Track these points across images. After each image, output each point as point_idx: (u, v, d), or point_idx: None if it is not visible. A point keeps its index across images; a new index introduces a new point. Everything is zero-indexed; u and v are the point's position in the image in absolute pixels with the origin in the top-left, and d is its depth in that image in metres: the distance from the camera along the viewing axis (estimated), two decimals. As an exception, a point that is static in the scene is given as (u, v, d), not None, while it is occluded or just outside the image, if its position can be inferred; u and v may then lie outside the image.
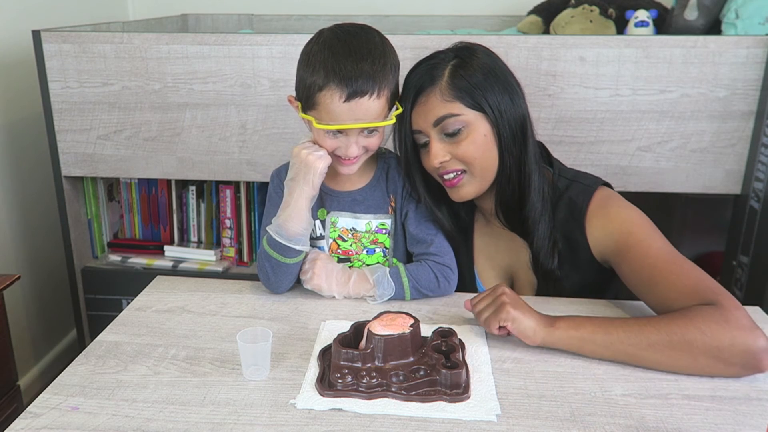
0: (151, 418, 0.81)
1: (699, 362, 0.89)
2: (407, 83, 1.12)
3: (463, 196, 1.12)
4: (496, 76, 1.07)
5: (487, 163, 1.09)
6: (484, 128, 1.07)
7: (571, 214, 1.12)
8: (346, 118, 1.03)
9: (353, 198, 1.18)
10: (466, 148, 1.07)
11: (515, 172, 1.10)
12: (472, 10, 2.40)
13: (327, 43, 1.04)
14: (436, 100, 1.07)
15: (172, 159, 1.76)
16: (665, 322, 0.91)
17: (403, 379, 0.86)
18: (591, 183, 1.14)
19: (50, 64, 1.69)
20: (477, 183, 1.11)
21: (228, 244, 1.95)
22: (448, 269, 1.14)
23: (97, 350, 0.97)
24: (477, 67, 1.07)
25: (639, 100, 1.60)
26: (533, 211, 1.11)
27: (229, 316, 1.07)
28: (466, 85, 1.06)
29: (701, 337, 0.88)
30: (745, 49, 1.54)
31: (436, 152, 1.08)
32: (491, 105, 1.06)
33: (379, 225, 1.18)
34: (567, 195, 1.13)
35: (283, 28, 2.46)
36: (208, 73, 1.67)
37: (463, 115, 1.06)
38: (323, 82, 1.02)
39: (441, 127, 1.07)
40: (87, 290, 1.91)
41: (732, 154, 1.62)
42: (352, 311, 1.09)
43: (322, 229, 1.19)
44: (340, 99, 1.01)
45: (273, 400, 0.85)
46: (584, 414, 0.82)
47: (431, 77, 1.08)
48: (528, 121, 1.10)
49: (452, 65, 1.08)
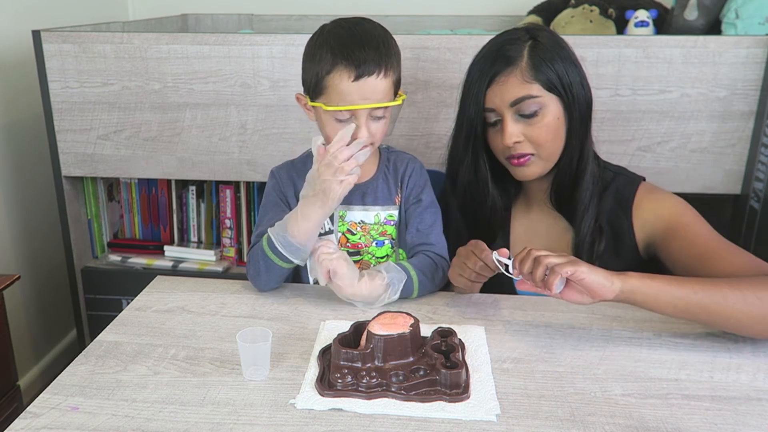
0: (151, 418, 0.81)
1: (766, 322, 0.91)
2: (480, 64, 1.12)
3: (528, 176, 1.14)
4: (569, 57, 1.10)
5: (555, 147, 1.12)
6: (558, 111, 1.10)
7: (618, 203, 1.16)
8: (356, 98, 1.05)
9: (362, 191, 1.19)
10: (539, 130, 1.09)
11: (577, 155, 1.13)
12: (472, 10, 2.40)
13: (331, 33, 1.08)
14: (516, 80, 1.08)
15: (172, 159, 1.76)
16: (737, 282, 0.92)
17: (402, 379, 0.86)
18: (635, 176, 1.19)
19: (50, 64, 1.69)
20: (543, 164, 1.13)
21: (228, 244, 1.95)
22: (445, 261, 1.17)
23: (97, 350, 0.97)
24: (552, 48, 1.09)
25: (639, 100, 1.60)
26: (585, 194, 1.14)
27: (229, 316, 1.07)
28: (545, 66, 1.08)
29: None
30: (745, 49, 1.54)
31: (510, 132, 1.09)
32: (566, 87, 1.09)
33: (388, 216, 1.19)
34: (614, 185, 1.17)
35: (283, 28, 2.46)
36: (208, 73, 1.67)
37: (541, 97, 1.08)
38: (331, 65, 1.04)
39: (518, 108, 1.09)
40: (87, 290, 1.91)
41: (732, 154, 1.62)
42: (352, 311, 1.09)
43: (331, 224, 1.19)
44: (349, 79, 1.04)
45: (273, 400, 0.85)
46: (584, 414, 0.82)
47: (509, 58, 1.09)
48: (592, 103, 1.13)
49: (529, 46, 1.09)
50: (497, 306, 1.11)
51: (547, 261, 0.92)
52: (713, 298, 0.91)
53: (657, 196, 1.15)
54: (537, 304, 1.11)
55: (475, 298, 1.14)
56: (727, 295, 0.91)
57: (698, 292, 0.91)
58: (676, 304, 0.92)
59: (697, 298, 0.91)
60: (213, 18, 2.50)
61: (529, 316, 1.07)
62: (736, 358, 0.95)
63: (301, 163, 1.23)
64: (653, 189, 1.17)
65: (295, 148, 1.66)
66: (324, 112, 1.07)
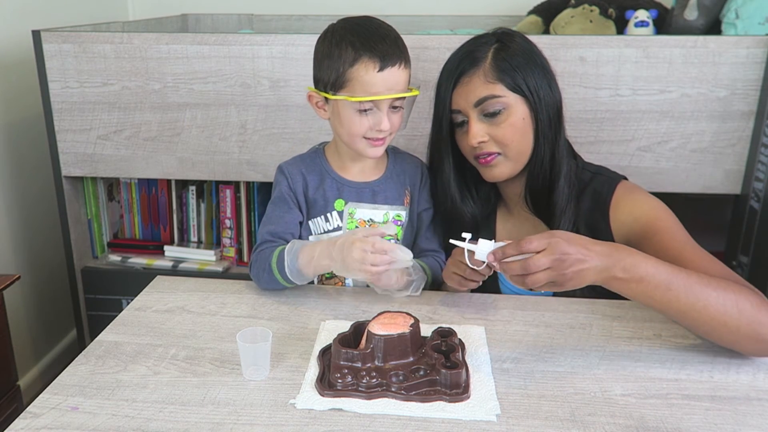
0: (151, 418, 0.81)
1: (741, 331, 0.90)
2: (448, 65, 1.14)
3: (497, 176, 1.15)
4: (535, 61, 1.11)
5: (522, 147, 1.12)
6: (523, 111, 1.10)
7: (596, 204, 1.15)
8: (380, 89, 1.07)
9: (372, 189, 1.20)
10: (504, 130, 1.10)
11: (548, 158, 1.13)
12: (472, 10, 2.40)
13: (346, 29, 1.10)
14: (479, 80, 1.09)
15: (172, 159, 1.76)
16: (720, 283, 0.91)
17: (402, 379, 0.86)
18: (614, 176, 1.18)
19: (50, 64, 1.69)
20: (511, 165, 1.14)
21: (228, 244, 1.95)
22: None
23: (97, 350, 0.97)
24: (519, 51, 1.10)
25: (639, 100, 1.60)
26: (561, 197, 1.13)
27: (229, 316, 1.07)
28: (508, 67, 1.09)
29: (750, 308, 0.89)
30: (745, 49, 1.54)
31: (475, 132, 1.10)
32: (531, 89, 1.09)
33: (396, 216, 1.20)
34: (591, 186, 1.16)
35: (283, 28, 2.46)
36: (208, 73, 1.67)
37: (505, 97, 1.09)
38: (354, 57, 1.06)
39: (482, 108, 1.10)
40: (87, 290, 1.91)
41: (732, 154, 1.62)
42: (352, 311, 1.09)
43: (340, 221, 1.19)
44: (374, 69, 1.06)
45: (273, 400, 0.85)
46: (584, 414, 0.82)
47: (474, 59, 1.10)
48: (562, 107, 1.13)
49: (495, 48, 1.10)
50: (497, 306, 1.11)
51: (534, 278, 0.88)
52: (694, 307, 0.90)
53: (635, 197, 1.13)
54: (537, 304, 1.11)
55: (475, 298, 1.14)
56: (715, 297, 0.89)
57: (680, 299, 0.89)
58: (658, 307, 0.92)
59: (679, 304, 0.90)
60: (213, 18, 2.50)
61: (529, 316, 1.07)
62: (736, 358, 0.95)
63: (309, 159, 1.23)
64: (631, 190, 1.15)
65: (295, 148, 1.66)
66: (345, 105, 1.08)
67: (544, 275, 0.87)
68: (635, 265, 0.89)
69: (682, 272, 0.90)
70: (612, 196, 1.14)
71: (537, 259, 0.87)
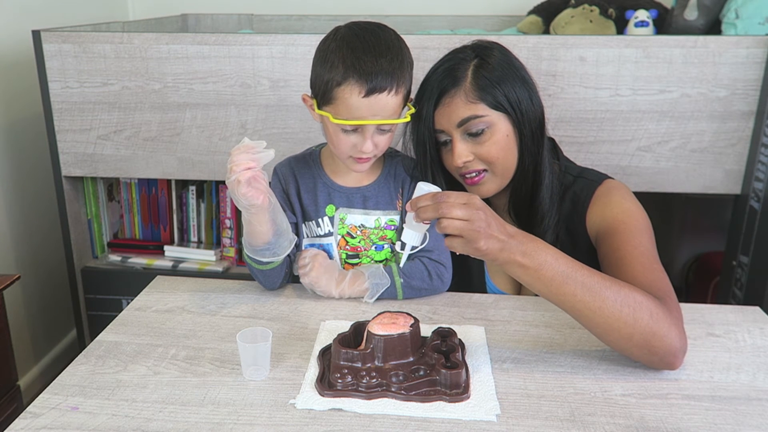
0: (151, 418, 0.81)
1: (633, 340, 0.88)
2: (428, 83, 1.12)
3: (484, 194, 1.14)
4: (515, 74, 1.09)
5: (508, 163, 1.11)
6: (506, 128, 1.09)
7: (574, 207, 1.14)
8: (365, 114, 1.04)
9: (363, 194, 1.19)
10: (489, 148, 1.09)
11: (531, 170, 1.12)
12: (472, 10, 2.40)
13: (345, 40, 1.05)
14: (461, 101, 1.08)
15: (172, 159, 1.76)
16: (624, 288, 0.89)
17: (402, 379, 0.86)
18: (595, 178, 1.16)
19: (50, 64, 1.69)
20: (498, 181, 1.13)
21: (228, 244, 1.95)
22: (442, 266, 1.15)
23: (97, 350, 0.97)
24: (498, 67, 1.08)
25: (639, 100, 1.60)
26: (542, 205, 1.13)
27: (229, 316, 1.07)
28: (488, 85, 1.07)
29: (647, 318, 0.87)
30: (745, 49, 1.54)
31: (459, 152, 1.09)
32: (513, 104, 1.08)
33: (388, 221, 1.19)
34: (572, 190, 1.16)
35: (283, 28, 2.46)
36: (208, 73, 1.67)
37: (487, 116, 1.08)
38: (342, 77, 1.02)
39: (465, 128, 1.09)
40: (87, 290, 1.91)
41: (732, 154, 1.62)
42: (351, 311, 1.09)
43: (331, 226, 1.19)
44: (359, 94, 1.02)
45: (273, 400, 0.85)
46: (584, 414, 0.82)
47: (454, 78, 1.09)
48: (544, 117, 1.12)
49: (474, 65, 1.09)
50: (497, 306, 1.11)
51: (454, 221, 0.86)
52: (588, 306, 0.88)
53: (610, 199, 1.11)
54: (537, 304, 1.11)
55: (475, 298, 1.14)
56: (610, 295, 0.88)
57: (577, 296, 0.88)
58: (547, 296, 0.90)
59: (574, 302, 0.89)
60: (213, 18, 2.50)
61: (529, 316, 1.07)
62: (736, 358, 0.95)
63: (302, 159, 1.23)
64: (609, 192, 1.12)
65: (295, 148, 1.65)
66: (330, 122, 1.07)
67: (459, 224, 0.85)
68: (536, 250, 0.88)
69: (585, 269, 0.89)
70: (590, 199, 1.13)
71: (455, 206, 0.85)
